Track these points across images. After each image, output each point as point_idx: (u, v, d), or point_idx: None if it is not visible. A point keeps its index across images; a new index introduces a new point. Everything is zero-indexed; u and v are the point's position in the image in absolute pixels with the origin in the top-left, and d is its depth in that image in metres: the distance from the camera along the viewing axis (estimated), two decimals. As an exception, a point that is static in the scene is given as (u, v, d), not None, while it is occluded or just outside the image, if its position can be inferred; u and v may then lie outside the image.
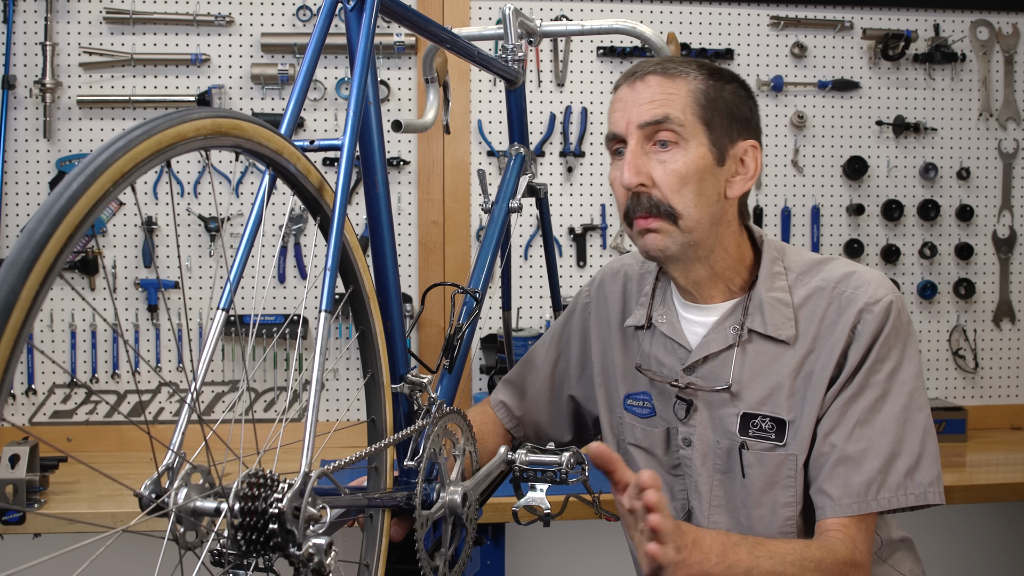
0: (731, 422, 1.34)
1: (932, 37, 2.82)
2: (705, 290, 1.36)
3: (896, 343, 1.28)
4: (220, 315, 0.94)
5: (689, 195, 1.27)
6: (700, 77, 1.29)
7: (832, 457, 1.27)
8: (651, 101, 1.28)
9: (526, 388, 1.62)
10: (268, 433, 0.98)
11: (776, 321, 1.32)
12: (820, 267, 1.35)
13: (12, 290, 0.64)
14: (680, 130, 1.27)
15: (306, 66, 1.13)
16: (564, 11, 2.72)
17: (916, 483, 1.25)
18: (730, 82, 1.32)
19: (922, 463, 1.26)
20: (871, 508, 1.24)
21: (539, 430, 1.61)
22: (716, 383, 1.35)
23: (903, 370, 1.28)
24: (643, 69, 1.31)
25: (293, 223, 2.65)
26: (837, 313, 1.30)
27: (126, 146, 0.75)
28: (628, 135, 1.29)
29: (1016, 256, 2.89)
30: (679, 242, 1.29)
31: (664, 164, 1.27)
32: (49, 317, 2.58)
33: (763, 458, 1.32)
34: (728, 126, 1.30)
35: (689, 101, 1.28)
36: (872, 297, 1.29)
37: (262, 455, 0.94)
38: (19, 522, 1.99)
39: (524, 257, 2.74)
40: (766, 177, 2.80)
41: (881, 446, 1.25)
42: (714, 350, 1.35)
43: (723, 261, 1.34)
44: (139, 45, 2.60)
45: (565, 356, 1.60)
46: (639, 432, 1.45)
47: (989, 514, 2.82)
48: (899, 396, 1.27)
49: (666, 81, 1.29)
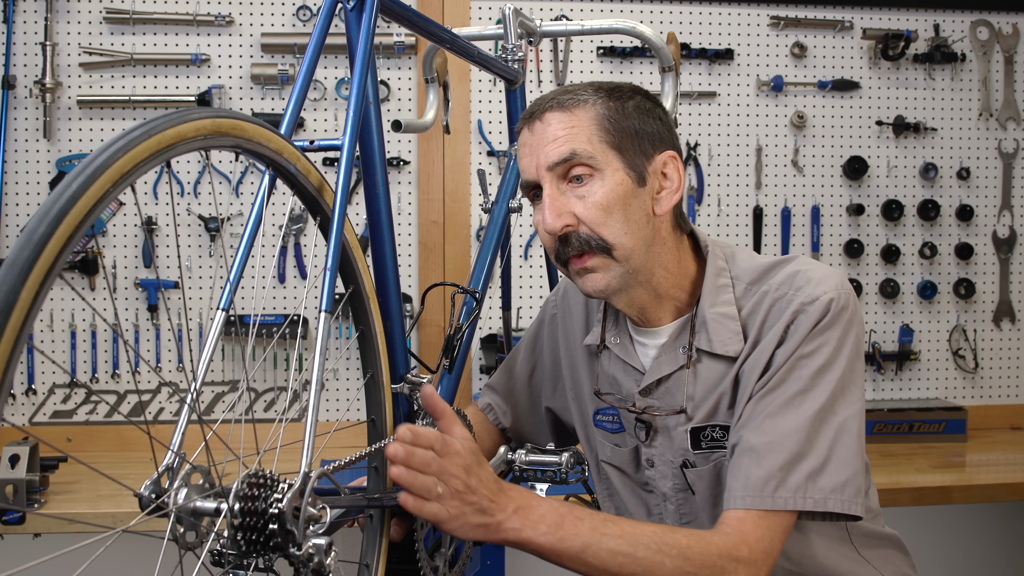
0: (683, 439, 1.30)
1: (932, 37, 2.82)
2: (652, 313, 1.31)
3: (830, 339, 1.21)
4: (220, 315, 0.94)
5: (617, 224, 1.21)
6: (599, 101, 1.24)
7: (738, 448, 1.20)
8: (555, 140, 1.22)
9: (508, 396, 1.60)
10: (268, 433, 0.98)
11: (722, 337, 1.26)
12: (770, 272, 1.29)
13: (12, 290, 0.64)
14: (591, 162, 1.21)
15: (306, 66, 1.13)
16: (564, 11, 2.72)
17: (817, 488, 1.16)
18: (631, 97, 1.27)
19: (827, 468, 1.17)
20: (766, 505, 1.15)
21: (524, 438, 1.59)
22: (673, 404, 1.31)
23: (831, 369, 1.20)
24: (540, 108, 1.25)
25: (293, 223, 2.65)
26: (776, 316, 1.24)
27: (126, 146, 0.75)
28: (541, 179, 1.24)
29: (1016, 256, 2.89)
30: (618, 274, 1.24)
31: (584, 199, 1.21)
32: (49, 317, 2.58)
33: (702, 473, 1.29)
34: (639, 144, 1.24)
35: (593, 130, 1.22)
36: (809, 296, 1.22)
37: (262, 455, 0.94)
38: (19, 522, 1.99)
39: (524, 257, 2.74)
40: (766, 177, 2.80)
41: (788, 443, 1.17)
42: (665, 372, 1.31)
43: (664, 280, 1.29)
44: (139, 45, 2.60)
45: (540, 367, 1.58)
46: (609, 451, 1.42)
47: (989, 514, 2.82)
48: (820, 395, 1.19)
49: (564, 115, 1.23)
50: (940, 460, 2.50)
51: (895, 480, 2.26)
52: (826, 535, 1.34)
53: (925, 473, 2.36)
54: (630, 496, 1.42)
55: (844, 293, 1.23)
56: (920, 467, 2.40)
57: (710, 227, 2.78)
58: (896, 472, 2.34)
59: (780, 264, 1.29)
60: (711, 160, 2.79)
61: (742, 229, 2.80)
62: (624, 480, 1.42)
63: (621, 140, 1.23)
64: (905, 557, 1.45)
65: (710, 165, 2.79)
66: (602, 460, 1.45)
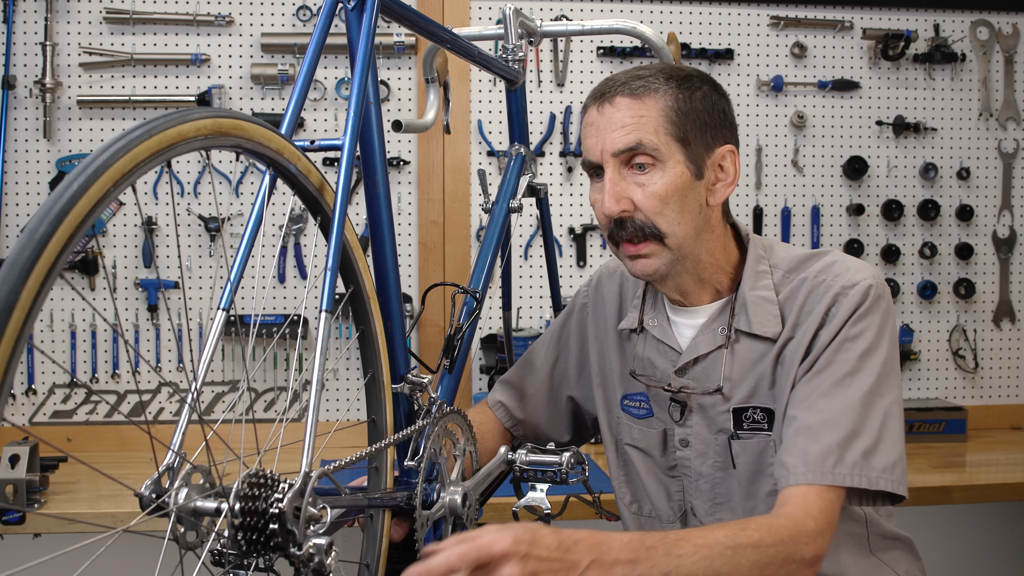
0: (724, 419, 1.34)
1: (932, 37, 2.82)
2: (693, 295, 1.37)
3: (872, 324, 1.26)
4: (220, 315, 0.94)
5: (672, 214, 1.26)
6: (669, 92, 1.26)
7: (792, 427, 1.23)
8: (622, 127, 1.26)
9: (525, 389, 1.62)
10: (268, 433, 0.98)
11: (761, 319, 1.31)
12: (807, 263, 1.34)
13: (12, 290, 0.64)
14: (655, 153, 1.25)
15: (306, 66, 1.13)
16: (564, 11, 2.72)
17: (871, 466, 1.20)
18: (700, 87, 1.29)
19: (880, 448, 1.21)
20: (827, 480, 1.18)
21: (538, 431, 1.61)
22: (708, 385, 1.35)
23: (875, 353, 1.25)
24: (611, 90, 1.28)
25: (293, 223, 2.65)
26: (816, 300, 1.29)
27: (126, 146, 0.75)
28: (604, 163, 1.27)
29: (1016, 256, 2.89)
30: (668, 260, 1.29)
31: (643, 187, 1.26)
32: (49, 317, 2.58)
33: (747, 446, 1.33)
34: (703, 137, 1.28)
35: (661, 121, 1.25)
36: (849, 281, 1.27)
37: (262, 455, 0.94)
38: (19, 522, 1.99)
39: (524, 257, 2.74)
40: (766, 177, 2.80)
41: (843, 420, 1.21)
42: (703, 352, 1.35)
43: (710, 266, 1.34)
44: (139, 45, 2.60)
45: (564, 356, 1.60)
46: (636, 433, 1.46)
47: (989, 514, 2.82)
48: (867, 377, 1.23)
49: (635, 103, 1.26)
50: (940, 460, 2.50)
51: (895, 480, 2.26)
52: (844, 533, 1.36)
53: (925, 473, 2.36)
54: (652, 480, 1.44)
55: (880, 283, 1.29)
56: (920, 467, 2.40)
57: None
58: (896, 472, 2.33)
59: (817, 255, 1.35)
60: (711, 160, 2.78)
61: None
62: (648, 464, 1.44)
63: (686, 132, 1.27)
64: (916, 560, 1.47)
65: (710, 165, 2.78)
66: (626, 443, 1.47)
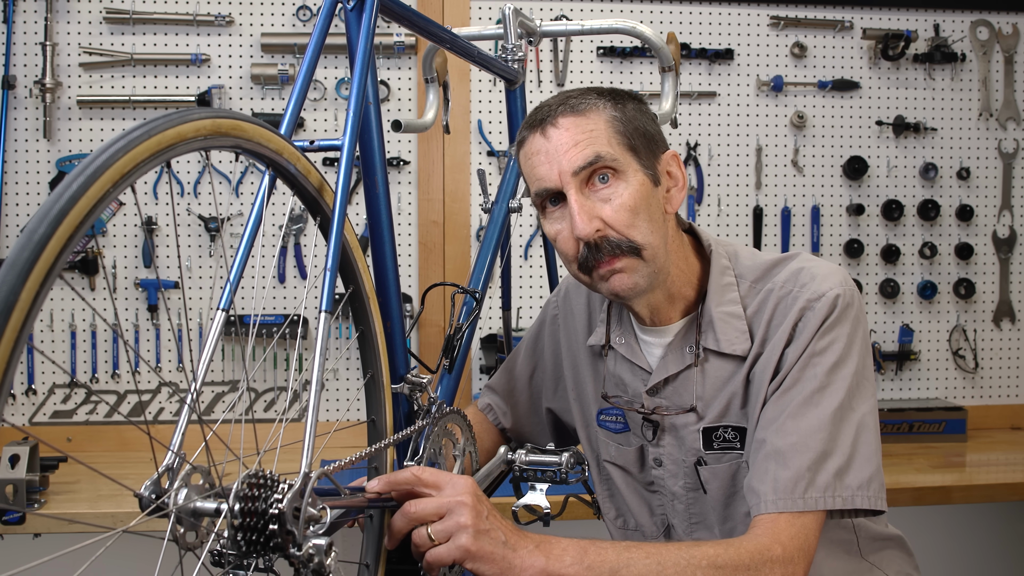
0: (694, 439, 1.31)
1: (932, 37, 2.82)
2: (663, 312, 1.32)
3: (839, 335, 1.22)
4: (220, 315, 0.94)
5: (643, 223, 1.21)
6: (607, 106, 1.24)
7: (761, 452, 1.20)
8: (575, 144, 1.21)
9: (508, 396, 1.60)
10: (268, 433, 0.98)
11: (729, 337, 1.27)
12: (774, 270, 1.30)
13: (12, 290, 0.64)
14: (614, 164, 1.21)
15: (306, 66, 1.13)
16: (564, 11, 2.72)
17: (844, 485, 1.17)
18: (628, 101, 1.27)
19: (853, 465, 1.18)
20: (798, 507, 1.15)
21: (524, 438, 1.59)
22: (681, 403, 1.31)
23: (844, 365, 1.21)
24: (550, 113, 1.24)
25: (293, 223, 2.65)
26: (783, 314, 1.25)
27: (126, 146, 0.75)
28: (564, 186, 1.21)
29: (1016, 256, 2.89)
30: (646, 274, 1.23)
31: (610, 202, 1.21)
32: (49, 317, 2.58)
33: (717, 471, 1.29)
34: (647, 146, 1.25)
35: (610, 132, 1.22)
36: (815, 293, 1.23)
37: (262, 455, 0.94)
38: (19, 522, 1.99)
39: (524, 257, 2.74)
40: (766, 177, 2.80)
41: (813, 442, 1.17)
42: (672, 371, 1.31)
43: (677, 279, 1.30)
44: (139, 45, 2.60)
45: (540, 368, 1.58)
46: (613, 450, 1.43)
47: (989, 514, 2.82)
48: (837, 392, 1.20)
49: (580, 119, 1.22)
50: (940, 460, 2.50)
51: (895, 480, 2.26)
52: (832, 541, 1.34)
53: (925, 473, 2.36)
54: (633, 496, 1.42)
55: (848, 289, 1.24)
56: (920, 467, 2.40)
57: (710, 227, 2.78)
58: (896, 472, 2.34)
59: (783, 261, 1.30)
60: (711, 160, 2.79)
61: (742, 229, 2.80)
62: (627, 480, 1.42)
63: (633, 142, 1.24)
64: (908, 557, 1.45)
65: (710, 165, 2.79)
66: (605, 460, 1.45)
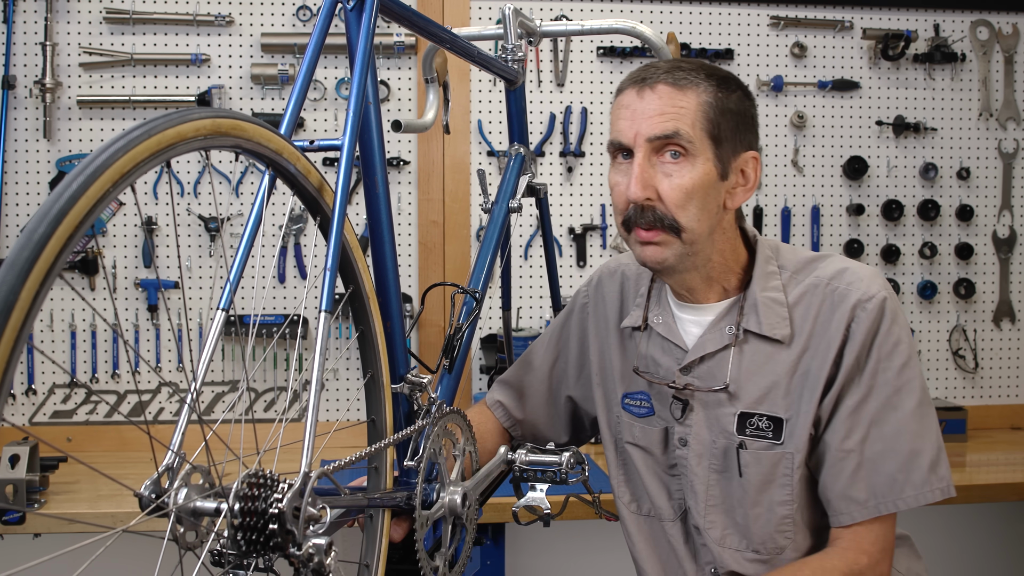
0: (728, 421, 1.34)
1: (932, 37, 2.82)
2: (700, 293, 1.37)
3: (900, 336, 1.29)
4: (220, 315, 0.94)
5: (693, 210, 1.25)
6: (709, 89, 1.27)
7: (851, 462, 1.27)
8: (661, 114, 1.25)
9: (523, 389, 1.61)
10: (268, 433, 0.98)
11: (771, 320, 1.32)
12: (814, 264, 1.35)
13: (12, 290, 0.64)
14: (689, 146, 1.24)
15: (306, 66, 1.13)
16: (564, 11, 2.72)
17: (939, 477, 1.26)
18: (736, 90, 1.30)
19: (942, 457, 1.28)
20: (898, 507, 1.25)
21: (537, 431, 1.61)
22: (713, 383, 1.35)
23: (911, 364, 1.28)
24: (652, 76, 1.27)
25: (293, 223, 2.65)
26: (831, 310, 1.30)
27: (126, 146, 0.75)
28: (636, 147, 1.26)
29: (1016, 256, 2.89)
30: (678, 253, 1.28)
31: (670, 178, 1.25)
32: (49, 317, 2.58)
33: (760, 457, 1.32)
34: (733, 139, 1.28)
35: (698, 116, 1.25)
36: (865, 294, 1.28)
37: (262, 455, 0.94)
38: (19, 522, 1.99)
39: (524, 257, 2.74)
40: (766, 177, 2.80)
41: (901, 444, 1.26)
42: (710, 350, 1.35)
43: (719, 265, 1.34)
44: (139, 45, 2.60)
45: (563, 356, 1.60)
46: (636, 431, 1.45)
47: (989, 514, 2.82)
48: (913, 392, 1.28)
49: (676, 92, 1.26)
50: (940, 460, 2.50)
51: (895, 480, 2.26)
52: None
53: (925, 473, 2.35)
54: (652, 479, 1.44)
55: (891, 292, 1.32)
56: (920, 467, 2.40)
57: (710, 227, 2.78)
58: (896, 472, 2.33)
59: (822, 257, 1.37)
60: (711, 160, 2.78)
61: (742, 229, 2.80)
62: (648, 461, 1.44)
63: (720, 132, 1.27)
64: (918, 559, 1.47)
65: (710, 165, 2.78)
66: (627, 442, 1.47)
